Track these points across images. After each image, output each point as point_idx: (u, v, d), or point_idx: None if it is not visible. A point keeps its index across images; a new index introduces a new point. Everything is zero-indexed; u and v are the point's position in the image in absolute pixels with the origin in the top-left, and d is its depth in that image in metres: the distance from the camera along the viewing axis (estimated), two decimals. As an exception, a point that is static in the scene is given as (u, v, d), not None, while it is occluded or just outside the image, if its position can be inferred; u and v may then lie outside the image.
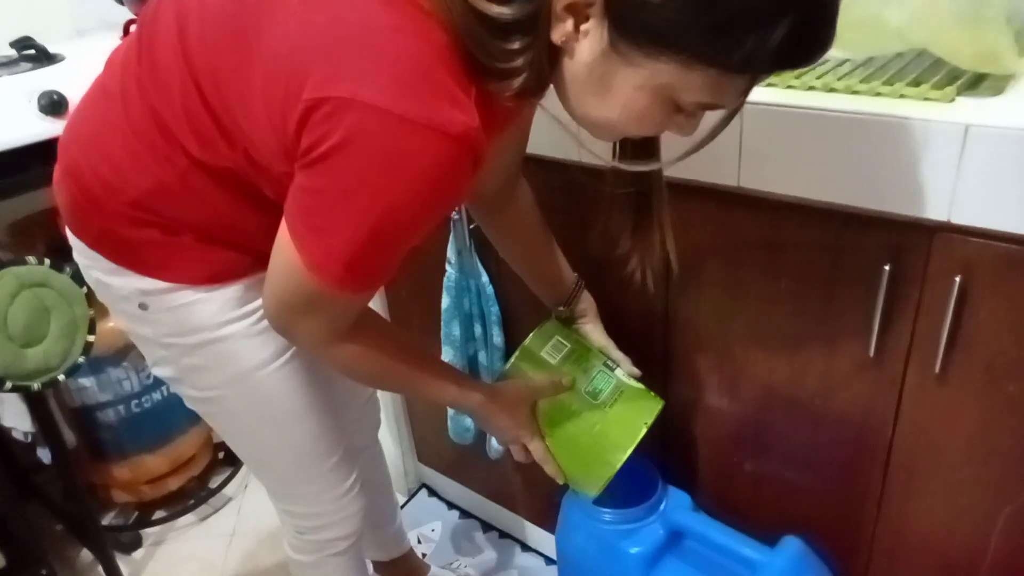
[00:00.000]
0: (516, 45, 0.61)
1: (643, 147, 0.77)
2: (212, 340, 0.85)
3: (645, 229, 0.83)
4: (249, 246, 0.81)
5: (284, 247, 0.69)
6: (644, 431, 0.95)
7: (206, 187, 0.76)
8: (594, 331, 1.05)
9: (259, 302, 0.84)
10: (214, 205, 0.78)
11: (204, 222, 0.79)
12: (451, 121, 0.60)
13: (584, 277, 1.06)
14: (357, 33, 0.60)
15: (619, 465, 0.95)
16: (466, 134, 0.61)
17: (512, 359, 1.02)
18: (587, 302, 1.06)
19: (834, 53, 0.90)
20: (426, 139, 0.60)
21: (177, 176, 0.75)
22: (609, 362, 1.02)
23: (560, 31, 0.60)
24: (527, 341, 1.02)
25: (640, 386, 1.00)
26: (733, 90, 0.61)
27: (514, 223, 1.02)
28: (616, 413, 0.96)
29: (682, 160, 0.72)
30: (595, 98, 0.64)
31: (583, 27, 0.60)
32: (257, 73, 0.66)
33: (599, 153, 0.73)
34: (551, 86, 0.67)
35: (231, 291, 0.84)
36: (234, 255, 0.82)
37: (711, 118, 0.68)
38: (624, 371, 1.01)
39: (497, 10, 0.59)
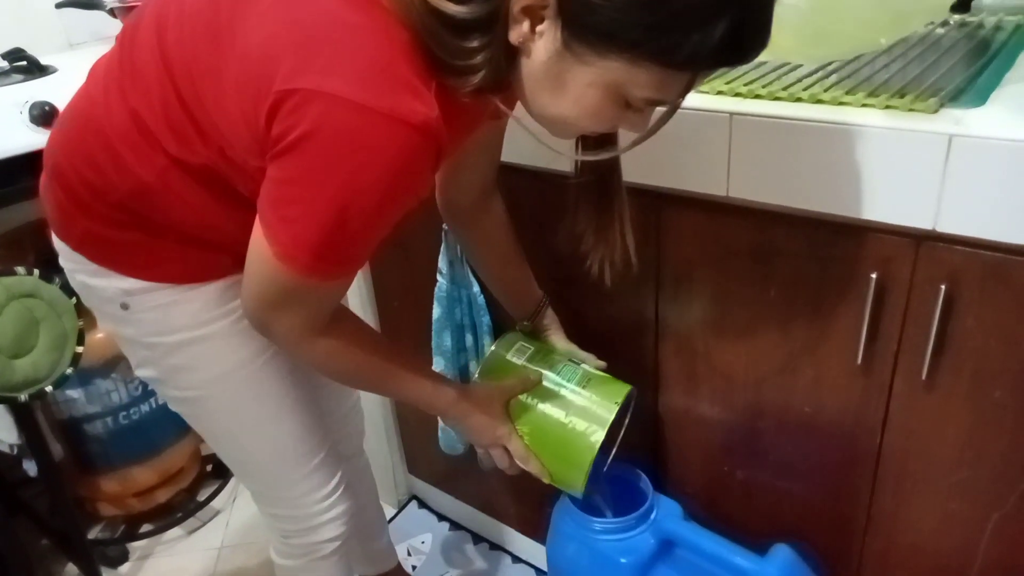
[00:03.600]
0: (474, 43, 0.64)
1: (603, 143, 0.79)
2: (193, 339, 0.87)
3: (605, 225, 0.86)
4: (228, 246, 0.82)
5: (257, 241, 0.71)
6: (616, 409, 0.96)
7: (185, 187, 0.78)
8: (558, 340, 1.07)
9: (239, 301, 0.85)
10: (194, 205, 0.79)
11: (184, 222, 0.81)
12: (412, 111, 0.63)
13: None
14: (323, 29, 0.64)
15: (598, 446, 0.94)
16: (426, 124, 0.63)
17: (479, 368, 1.03)
18: (551, 319, 1.08)
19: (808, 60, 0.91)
20: (388, 128, 0.63)
21: (157, 176, 0.77)
22: (573, 360, 1.03)
23: (517, 32, 0.63)
24: (492, 347, 1.04)
25: (607, 375, 1.02)
26: (677, 86, 0.64)
27: (487, 235, 1.05)
28: (586, 398, 0.97)
29: (629, 149, 0.75)
30: (550, 95, 0.67)
31: (539, 28, 0.63)
32: (231, 70, 0.68)
33: (560, 148, 0.76)
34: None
35: (211, 290, 0.85)
36: (214, 255, 0.84)
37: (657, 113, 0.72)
38: (590, 365, 1.03)
39: (455, 9, 0.62)
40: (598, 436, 0.94)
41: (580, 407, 0.96)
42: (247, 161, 0.72)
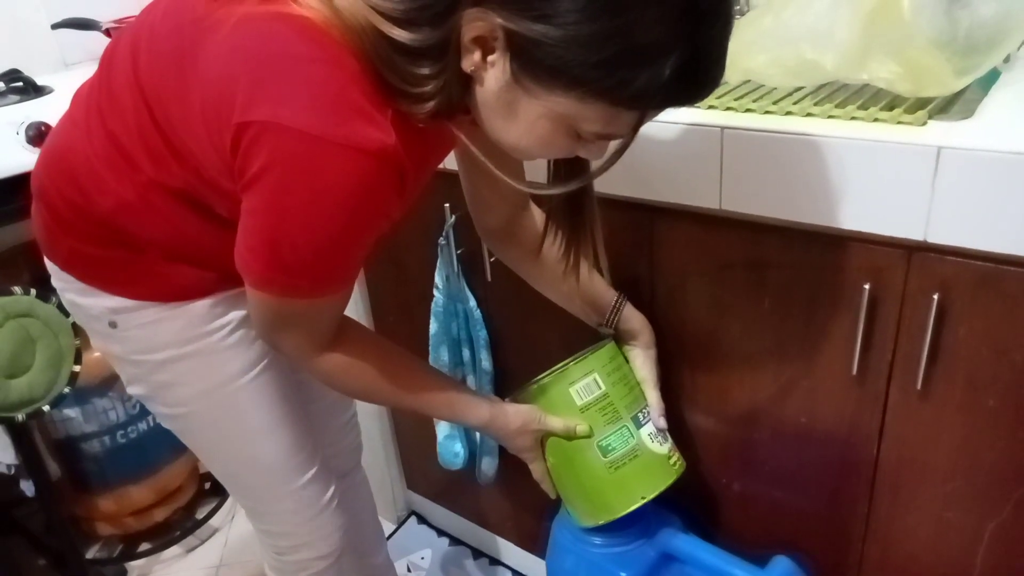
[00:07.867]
0: (426, 71, 0.65)
1: (573, 173, 0.79)
2: (179, 356, 0.87)
3: (577, 242, 0.86)
4: (212, 263, 0.83)
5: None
6: (639, 504, 0.95)
7: (166, 205, 0.79)
8: (640, 356, 1.01)
9: (226, 318, 0.87)
10: (176, 223, 0.80)
11: (168, 240, 0.82)
12: (367, 139, 0.63)
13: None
14: (277, 60, 0.64)
15: (602, 523, 0.97)
16: (383, 151, 0.64)
17: (543, 380, 0.97)
18: (636, 321, 1.01)
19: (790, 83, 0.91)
20: (344, 157, 0.63)
21: (138, 195, 0.78)
22: (640, 414, 0.97)
23: (469, 61, 0.64)
24: (569, 366, 0.96)
25: (661, 451, 0.97)
26: (627, 122, 0.65)
27: (526, 250, 1.00)
28: (619, 477, 0.95)
29: (593, 179, 0.77)
30: (503, 123, 0.67)
31: (490, 58, 0.63)
32: (195, 97, 0.69)
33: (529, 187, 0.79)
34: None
35: (197, 308, 0.86)
36: (199, 272, 0.84)
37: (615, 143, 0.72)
38: (652, 420, 0.98)
39: (404, 35, 0.63)
40: (605, 517, 0.97)
41: (609, 483, 0.96)
42: (221, 183, 0.73)
